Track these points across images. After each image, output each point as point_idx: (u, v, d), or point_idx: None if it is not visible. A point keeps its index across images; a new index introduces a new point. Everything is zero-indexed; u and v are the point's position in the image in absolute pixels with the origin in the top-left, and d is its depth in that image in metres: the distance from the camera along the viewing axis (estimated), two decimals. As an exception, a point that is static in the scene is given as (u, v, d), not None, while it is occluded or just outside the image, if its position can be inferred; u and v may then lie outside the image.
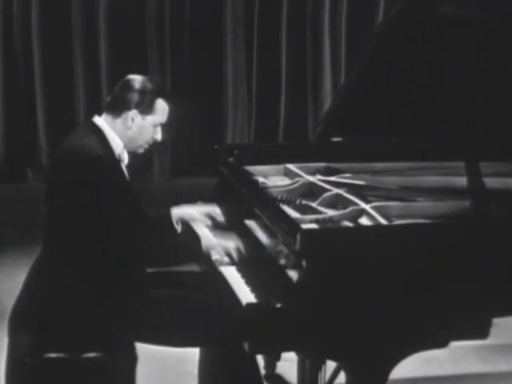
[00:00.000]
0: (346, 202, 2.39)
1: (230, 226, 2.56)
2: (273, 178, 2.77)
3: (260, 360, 2.48)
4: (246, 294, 2.11)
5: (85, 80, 5.87)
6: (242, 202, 2.52)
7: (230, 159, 2.77)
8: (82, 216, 2.25)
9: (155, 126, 2.41)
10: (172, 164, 6.02)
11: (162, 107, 2.39)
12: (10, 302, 2.36)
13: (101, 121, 2.39)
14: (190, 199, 2.73)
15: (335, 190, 2.48)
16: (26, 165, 6.04)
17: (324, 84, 5.98)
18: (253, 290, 2.13)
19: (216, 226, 2.56)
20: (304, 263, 1.96)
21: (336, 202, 2.43)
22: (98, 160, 2.26)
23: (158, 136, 2.45)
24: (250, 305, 1.99)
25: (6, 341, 2.29)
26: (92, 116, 2.44)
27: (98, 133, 2.36)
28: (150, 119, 2.38)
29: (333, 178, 2.67)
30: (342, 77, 5.81)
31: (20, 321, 2.31)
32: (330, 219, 2.26)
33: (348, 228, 2.22)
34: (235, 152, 2.78)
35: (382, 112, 2.83)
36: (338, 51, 6.03)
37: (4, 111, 5.93)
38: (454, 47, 2.61)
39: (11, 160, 5.98)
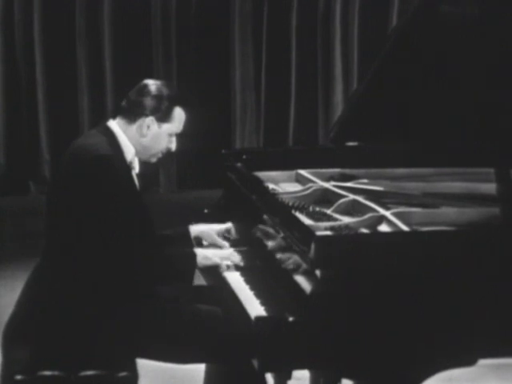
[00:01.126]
0: (363, 209, 2.31)
1: (244, 240, 2.48)
2: (283, 184, 2.71)
3: (269, 378, 2.35)
4: (255, 307, 2.02)
5: (89, 89, 5.81)
6: (250, 210, 2.43)
7: (238, 164, 2.69)
8: (83, 220, 2.15)
9: (170, 136, 2.33)
10: (178, 175, 5.94)
11: (179, 116, 2.31)
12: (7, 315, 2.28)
13: (114, 124, 2.30)
14: (198, 211, 2.67)
15: (352, 196, 2.41)
16: (28, 177, 5.95)
17: (335, 91, 5.89)
18: (263, 303, 2.03)
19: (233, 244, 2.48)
20: (318, 273, 1.87)
21: (352, 209, 2.35)
22: (104, 159, 2.16)
23: (173, 146, 2.35)
24: (259, 318, 1.90)
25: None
26: (106, 119, 2.35)
27: (110, 136, 2.27)
28: (166, 128, 2.29)
29: (349, 184, 2.59)
30: (354, 84, 5.72)
31: (14, 336, 2.21)
32: (347, 226, 2.17)
33: (367, 235, 2.12)
34: (243, 157, 2.72)
35: (402, 114, 2.76)
36: (350, 58, 5.94)
37: (5, 121, 5.86)
38: (471, 49, 2.57)
39: (13, 172, 5.89)
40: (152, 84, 2.30)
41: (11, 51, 5.68)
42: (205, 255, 2.29)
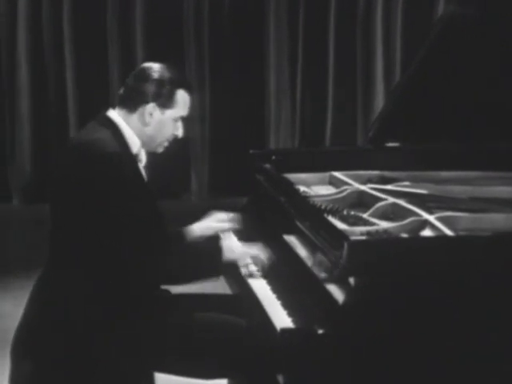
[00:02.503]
0: (404, 213, 2.23)
1: (261, 236, 2.38)
2: (315, 187, 2.65)
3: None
4: (281, 318, 1.91)
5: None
6: (279, 213, 2.35)
7: (267, 165, 2.62)
8: (92, 222, 2.06)
9: (176, 121, 2.22)
10: (210, 182, 5.86)
11: (182, 99, 2.20)
12: (12, 324, 2.21)
13: (115, 115, 2.20)
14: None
15: (391, 199, 2.33)
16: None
17: (375, 95, 5.76)
18: (290, 314, 1.93)
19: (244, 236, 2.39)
20: (352, 281, 1.77)
21: (392, 213, 2.29)
22: (112, 157, 2.07)
23: (180, 132, 2.25)
24: (285, 330, 1.81)
25: (8, 367, 2.19)
26: (105, 110, 2.23)
27: (113, 128, 2.17)
28: (170, 113, 2.19)
29: (388, 187, 2.52)
30: (396, 88, 5.57)
31: (22, 347, 2.15)
32: (385, 231, 2.08)
33: (407, 239, 2.01)
34: (273, 158, 2.65)
35: (447, 112, 2.71)
36: (392, 60, 5.80)
37: (33, 127, 5.83)
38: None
39: (39, 180, 5.87)
40: (150, 68, 2.19)
41: (39, 53, 5.67)
42: (230, 247, 2.19)
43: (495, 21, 2.53)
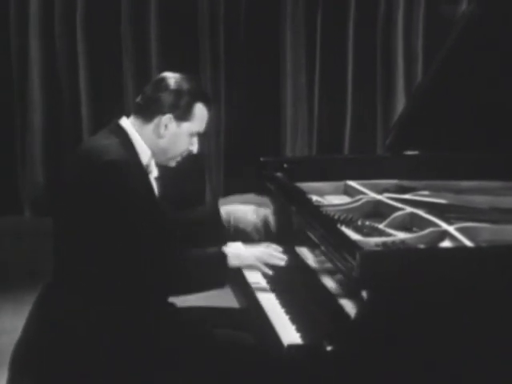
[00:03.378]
0: (422, 223, 2.17)
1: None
2: (329, 196, 2.61)
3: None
4: (289, 333, 1.83)
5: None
6: (290, 224, 2.28)
7: (278, 174, 2.57)
8: (96, 233, 2.00)
9: (192, 136, 2.17)
10: (225, 193, 5.79)
11: (200, 113, 2.15)
12: (10, 340, 2.17)
13: (127, 123, 2.15)
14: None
15: (409, 209, 2.26)
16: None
17: (396, 105, 5.65)
18: (299, 329, 1.85)
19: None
20: (364, 294, 1.69)
21: (410, 223, 2.23)
22: (117, 164, 2.00)
23: (195, 148, 2.20)
24: (292, 346, 1.74)
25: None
26: (119, 117, 2.18)
27: (123, 136, 2.11)
28: (187, 127, 2.14)
29: (406, 196, 2.46)
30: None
31: (21, 364, 2.10)
32: (402, 243, 2.01)
33: (424, 250, 1.93)
34: (284, 166, 2.61)
35: (468, 120, 2.64)
36: (413, 70, 5.70)
37: (45, 138, 5.80)
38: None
39: (51, 192, 5.84)
40: (170, 77, 2.14)
41: (52, 63, 5.66)
42: (237, 254, 2.12)
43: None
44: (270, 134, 5.77)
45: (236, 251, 2.13)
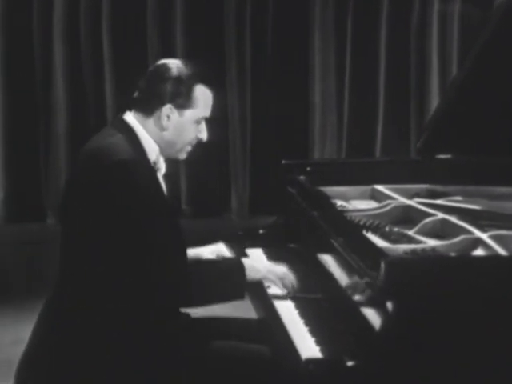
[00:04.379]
0: (455, 230, 2.09)
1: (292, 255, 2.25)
2: (355, 201, 2.53)
3: None
4: (308, 346, 1.74)
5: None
6: (312, 230, 2.20)
7: (301, 177, 2.48)
8: (104, 238, 1.91)
9: (198, 123, 2.05)
10: (251, 200, 5.73)
11: (203, 96, 2.02)
12: (14, 352, 2.12)
13: (132, 118, 2.06)
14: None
15: (441, 215, 2.18)
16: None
17: (431, 108, 5.53)
18: (318, 342, 1.75)
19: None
20: (389, 306, 1.60)
21: (441, 230, 2.15)
22: (125, 164, 1.91)
23: (204, 135, 2.08)
24: (311, 361, 1.64)
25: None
26: (122, 112, 2.09)
27: (129, 132, 2.02)
28: (190, 114, 2.02)
29: (438, 202, 2.38)
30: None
31: (26, 378, 2.02)
32: (433, 250, 1.93)
33: (455, 258, 1.84)
34: (307, 169, 2.53)
35: (505, 122, 2.49)
36: (448, 73, 5.59)
37: (69, 145, 5.75)
38: None
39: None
40: (165, 65, 2.02)
41: (77, 66, 5.63)
42: (254, 267, 2.02)
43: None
44: (297, 139, 5.71)
45: (254, 264, 2.04)
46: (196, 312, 2.11)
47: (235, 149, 5.56)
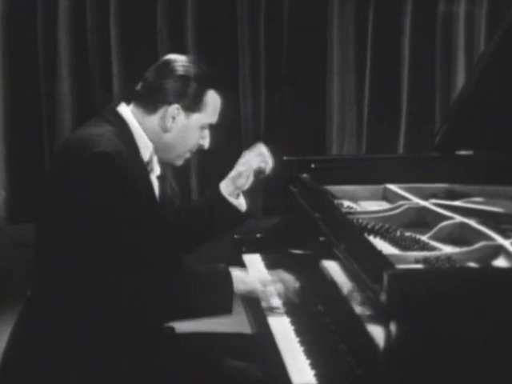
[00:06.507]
0: (473, 236, 1.94)
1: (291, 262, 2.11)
2: (365, 202, 2.38)
3: None
4: (301, 371, 1.58)
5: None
6: (313, 234, 1.99)
7: (304, 175, 2.33)
8: (79, 242, 1.75)
9: (203, 129, 1.95)
10: (265, 202, 5.63)
11: (213, 102, 1.93)
12: None
13: (127, 111, 1.91)
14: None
15: (459, 218, 2.03)
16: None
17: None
18: (314, 365, 1.58)
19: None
20: (393, 326, 1.41)
21: (459, 236, 2.00)
22: (104, 157, 1.75)
23: (206, 142, 1.98)
24: None
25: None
26: (116, 103, 1.94)
27: (121, 126, 1.88)
28: (197, 118, 1.92)
29: (457, 203, 2.22)
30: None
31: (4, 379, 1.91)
32: (448, 259, 1.77)
33: (471, 269, 1.69)
34: (312, 166, 2.39)
35: None
36: (476, 67, 5.43)
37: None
38: None
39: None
40: (174, 60, 1.91)
41: (83, 60, 5.55)
42: (242, 278, 1.88)
43: None
44: (314, 140, 5.60)
45: (244, 275, 1.90)
46: (186, 326, 1.95)
47: (248, 145, 5.46)
